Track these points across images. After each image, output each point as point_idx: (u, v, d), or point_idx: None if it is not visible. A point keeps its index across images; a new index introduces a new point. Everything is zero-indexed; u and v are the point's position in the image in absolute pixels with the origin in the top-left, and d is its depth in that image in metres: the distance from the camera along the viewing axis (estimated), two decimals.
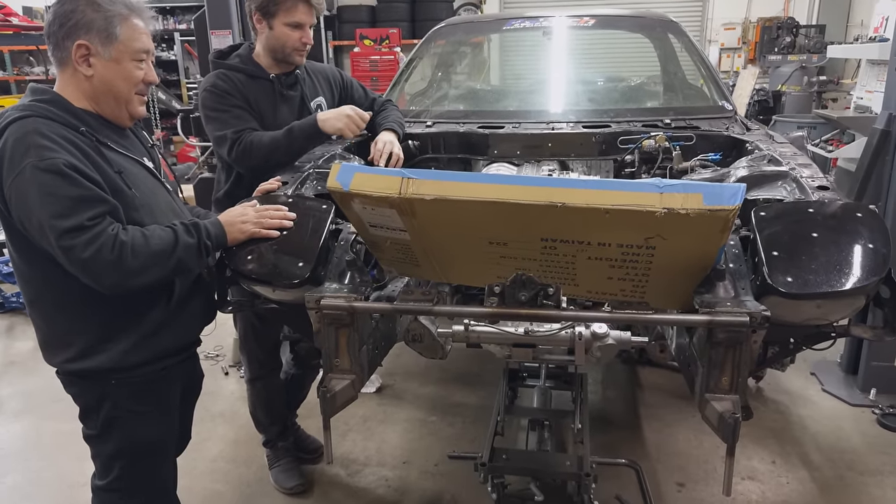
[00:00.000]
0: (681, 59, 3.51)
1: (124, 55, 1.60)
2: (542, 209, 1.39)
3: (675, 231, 1.37)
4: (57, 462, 3.02)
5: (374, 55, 8.51)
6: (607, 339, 1.78)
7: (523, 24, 3.61)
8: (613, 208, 1.35)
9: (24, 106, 1.55)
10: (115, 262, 1.48)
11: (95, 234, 1.46)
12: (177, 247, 1.58)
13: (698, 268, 1.51)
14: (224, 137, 2.29)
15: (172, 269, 1.60)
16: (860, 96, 5.46)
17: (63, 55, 1.57)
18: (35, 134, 1.48)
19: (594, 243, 1.46)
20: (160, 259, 1.55)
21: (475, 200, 1.44)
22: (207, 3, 4.27)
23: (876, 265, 1.48)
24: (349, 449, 3.04)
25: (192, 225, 1.64)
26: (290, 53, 2.35)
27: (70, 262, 1.48)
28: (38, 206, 1.46)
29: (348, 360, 1.67)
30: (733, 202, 1.30)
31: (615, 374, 3.68)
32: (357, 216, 1.65)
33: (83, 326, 1.64)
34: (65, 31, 1.55)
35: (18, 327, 4.65)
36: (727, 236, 1.42)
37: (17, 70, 9.01)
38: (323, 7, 2.39)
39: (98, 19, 1.55)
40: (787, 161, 2.09)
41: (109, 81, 1.61)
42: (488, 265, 1.63)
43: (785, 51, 8.05)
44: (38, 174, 1.45)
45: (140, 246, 1.51)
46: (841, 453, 2.92)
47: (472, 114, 3.14)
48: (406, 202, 1.49)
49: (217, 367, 3.88)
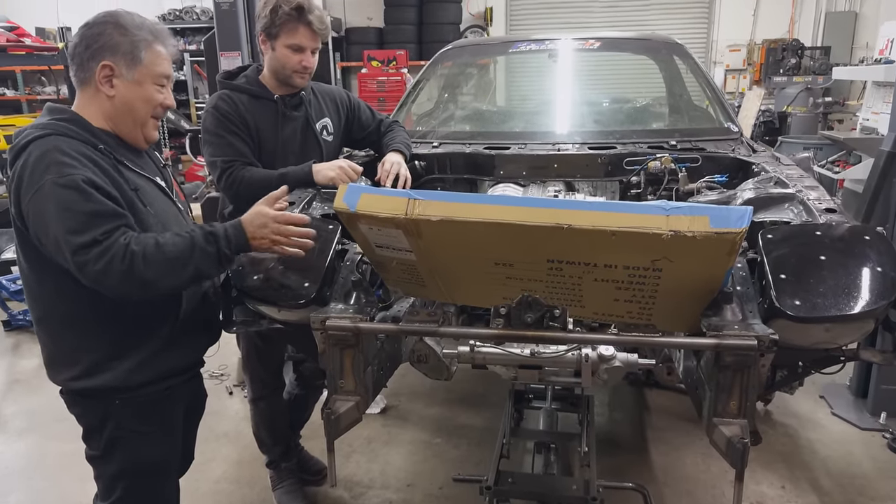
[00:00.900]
0: (686, 80, 3.52)
1: (146, 78, 1.65)
2: (548, 231, 1.39)
3: (681, 254, 1.36)
4: (60, 482, 3.00)
5: (382, 76, 8.59)
6: (614, 362, 1.77)
7: (529, 46, 3.63)
8: (620, 230, 1.35)
9: (44, 124, 1.58)
10: (126, 272, 1.48)
11: (106, 247, 1.47)
12: (193, 254, 1.56)
13: (705, 290, 1.50)
14: (215, 164, 2.33)
15: (191, 276, 1.57)
16: (866, 118, 5.47)
17: (86, 75, 1.62)
18: (56, 151, 1.51)
19: (600, 265, 1.45)
20: (175, 267, 1.54)
21: (481, 222, 1.44)
22: (217, 25, 4.32)
23: (885, 289, 1.47)
24: (353, 471, 3.02)
25: (210, 233, 1.61)
26: (291, 75, 2.37)
27: (85, 277, 1.49)
28: (54, 222, 1.48)
29: (353, 382, 1.67)
30: (740, 225, 1.29)
31: (622, 397, 3.65)
32: (363, 237, 1.65)
33: (89, 344, 1.64)
34: (91, 52, 1.60)
35: (24, 345, 4.66)
36: (734, 259, 1.41)
37: (29, 90, 9.12)
38: (327, 32, 2.41)
39: (125, 43, 1.61)
40: (793, 183, 2.09)
41: (130, 102, 1.65)
42: (494, 286, 1.62)
43: (790, 72, 8.09)
44: (56, 190, 1.47)
45: (152, 255, 1.51)
46: (851, 478, 2.87)
47: (478, 135, 3.16)
48: (412, 223, 1.49)
49: (221, 387, 3.87)
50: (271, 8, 2.29)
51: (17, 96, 9.03)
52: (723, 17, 9.25)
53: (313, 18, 2.30)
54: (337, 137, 2.60)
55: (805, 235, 1.65)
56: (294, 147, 2.45)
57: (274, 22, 2.29)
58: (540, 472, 2.57)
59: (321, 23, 2.34)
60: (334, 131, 2.58)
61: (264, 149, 2.40)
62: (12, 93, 9.12)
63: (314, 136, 2.49)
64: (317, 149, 2.49)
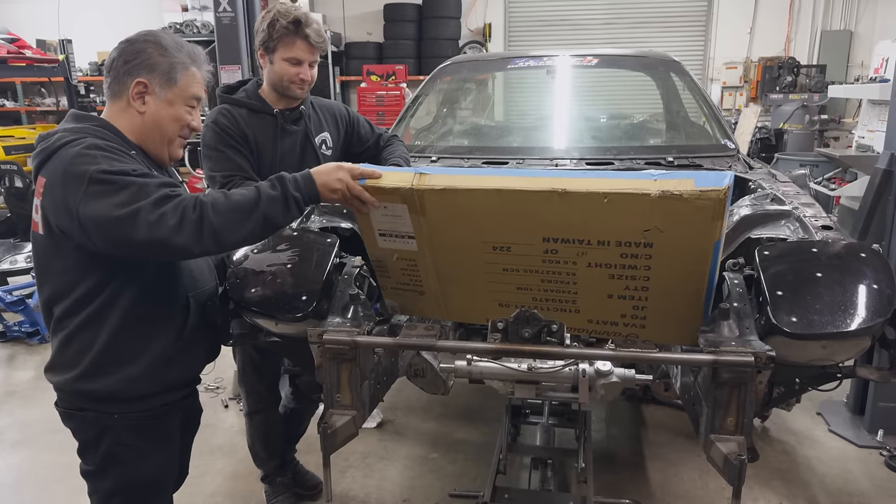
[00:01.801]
0: (683, 97, 3.55)
1: (178, 98, 1.68)
2: (544, 196, 1.46)
3: (670, 221, 1.41)
4: (53, 496, 2.98)
5: (381, 90, 8.64)
6: (611, 377, 1.77)
7: (528, 62, 3.66)
8: (612, 192, 1.42)
9: (77, 129, 1.59)
10: (197, 221, 1.48)
11: (178, 201, 1.48)
12: (260, 201, 1.55)
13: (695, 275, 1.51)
14: (214, 178, 2.35)
15: (259, 223, 1.55)
16: (862, 135, 5.51)
17: (120, 89, 1.65)
18: (96, 148, 1.53)
19: (594, 242, 1.50)
20: (243, 213, 1.53)
21: (482, 189, 1.52)
22: (218, 38, 4.36)
23: (881, 306, 1.47)
24: (348, 486, 3.00)
25: (276, 178, 1.61)
26: (288, 87, 2.39)
27: (158, 233, 1.45)
28: (122, 199, 1.46)
29: (350, 396, 1.66)
30: (722, 184, 1.36)
31: (619, 412, 3.64)
32: (368, 222, 1.68)
33: (98, 345, 1.62)
34: (129, 67, 1.63)
35: (19, 357, 4.63)
36: (720, 228, 1.43)
37: (29, 101, 9.15)
38: (324, 45, 2.42)
39: (163, 63, 1.64)
40: (790, 200, 2.10)
41: (160, 120, 1.68)
42: (490, 285, 1.65)
43: (786, 90, 8.15)
44: (113, 177, 1.48)
45: (221, 204, 1.52)
46: (849, 496, 2.86)
47: (476, 149, 3.17)
48: (418, 194, 1.56)
49: (216, 400, 3.85)
50: (268, 22, 2.31)
51: (17, 107, 9.07)
52: (719, 34, 9.34)
53: (310, 32, 2.32)
54: (336, 151, 2.61)
55: (802, 252, 1.66)
56: (293, 161, 2.46)
57: (272, 36, 2.31)
58: (537, 488, 2.56)
59: (318, 36, 2.36)
60: (333, 146, 2.59)
61: (263, 162, 2.41)
62: (12, 104, 9.15)
63: (313, 150, 2.50)
64: (315, 163, 2.48)
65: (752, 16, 9.17)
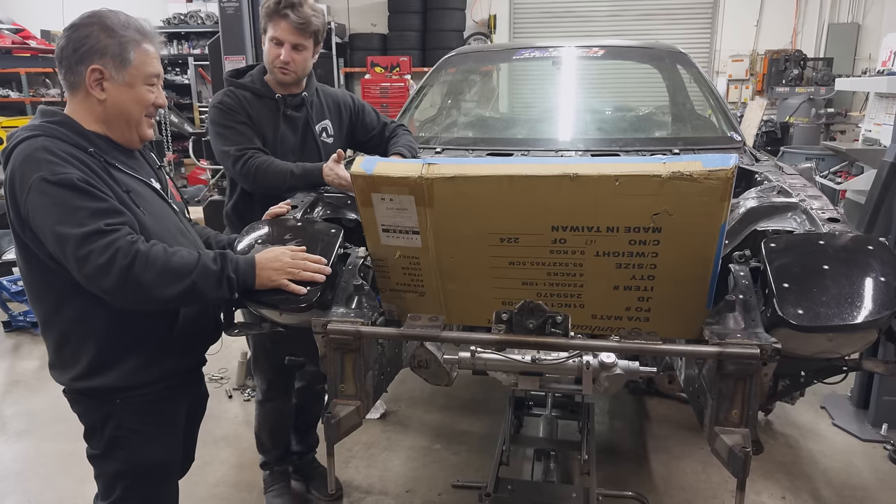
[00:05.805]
0: (689, 89, 3.53)
1: (137, 79, 1.63)
2: (556, 182, 1.46)
3: (679, 203, 1.42)
4: (58, 484, 2.99)
5: (385, 82, 8.60)
6: (615, 369, 1.76)
7: (533, 53, 3.64)
8: (623, 175, 1.43)
9: (34, 126, 1.58)
10: (125, 270, 1.45)
11: (112, 239, 1.46)
12: (195, 269, 1.54)
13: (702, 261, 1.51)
14: (227, 153, 2.34)
15: (186, 290, 1.53)
16: (868, 129, 5.48)
17: (76, 79, 1.59)
18: (43, 150, 1.51)
19: (603, 229, 1.50)
20: (174, 277, 1.51)
21: (493, 175, 1.51)
22: (222, 29, 4.34)
23: (888, 299, 1.46)
24: (351, 476, 3.01)
25: (220, 255, 1.60)
26: (273, 70, 2.40)
27: (85, 270, 1.46)
28: (54, 218, 1.47)
29: (354, 386, 1.66)
30: (729, 164, 1.38)
31: (623, 405, 3.64)
32: (372, 217, 1.66)
33: (92, 345, 1.64)
34: (78, 55, 1.57)
35: (24, 346, 4.65)
36: (726, 209, 1.44)
37: (33, 92, 9.13)
38: (308, 28, 2.33)
39: (112, 45, 1.58)
40: (796, 193, 2.09)
41: (122, 105, 1.63)
42: (494, 282, 1.64)
43: (793, 83, 8.10)
44: (51, 188, 1.47)
45: (155, 258, 1.49)
46: (853, 490, 2.86)
47: (480, 141, 3.16)
48: (427, 183, 1.54)
49: (221, 390, 3.86)
50: (263, 4, 2.35)
51: (22, 98, 9.04)
52: (726, 27, 9.28)
53: (292, 12, 2.28)
54: (338, 140, 2.61)
55: (808, 245, 1.65)
56: (292, 146, 2.46)
57: (263, 16, 2.36)
58: (539, 480, 2.56)
59: (301, 18, 2.30)
60: (335, 134, 2.59)
61: (264, 145, 2.41)
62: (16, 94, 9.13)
63: (313, 137, 2.50)
64: (315, 150, 2.50)
65: (759, 8, 9.11)
